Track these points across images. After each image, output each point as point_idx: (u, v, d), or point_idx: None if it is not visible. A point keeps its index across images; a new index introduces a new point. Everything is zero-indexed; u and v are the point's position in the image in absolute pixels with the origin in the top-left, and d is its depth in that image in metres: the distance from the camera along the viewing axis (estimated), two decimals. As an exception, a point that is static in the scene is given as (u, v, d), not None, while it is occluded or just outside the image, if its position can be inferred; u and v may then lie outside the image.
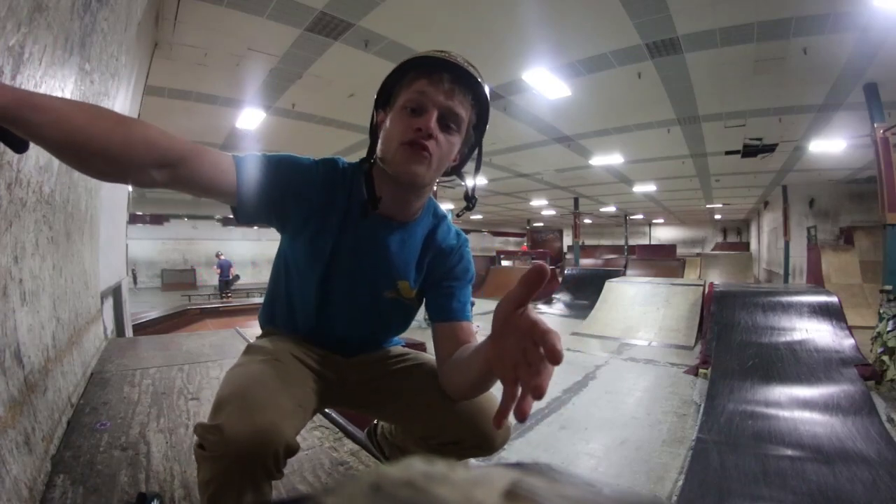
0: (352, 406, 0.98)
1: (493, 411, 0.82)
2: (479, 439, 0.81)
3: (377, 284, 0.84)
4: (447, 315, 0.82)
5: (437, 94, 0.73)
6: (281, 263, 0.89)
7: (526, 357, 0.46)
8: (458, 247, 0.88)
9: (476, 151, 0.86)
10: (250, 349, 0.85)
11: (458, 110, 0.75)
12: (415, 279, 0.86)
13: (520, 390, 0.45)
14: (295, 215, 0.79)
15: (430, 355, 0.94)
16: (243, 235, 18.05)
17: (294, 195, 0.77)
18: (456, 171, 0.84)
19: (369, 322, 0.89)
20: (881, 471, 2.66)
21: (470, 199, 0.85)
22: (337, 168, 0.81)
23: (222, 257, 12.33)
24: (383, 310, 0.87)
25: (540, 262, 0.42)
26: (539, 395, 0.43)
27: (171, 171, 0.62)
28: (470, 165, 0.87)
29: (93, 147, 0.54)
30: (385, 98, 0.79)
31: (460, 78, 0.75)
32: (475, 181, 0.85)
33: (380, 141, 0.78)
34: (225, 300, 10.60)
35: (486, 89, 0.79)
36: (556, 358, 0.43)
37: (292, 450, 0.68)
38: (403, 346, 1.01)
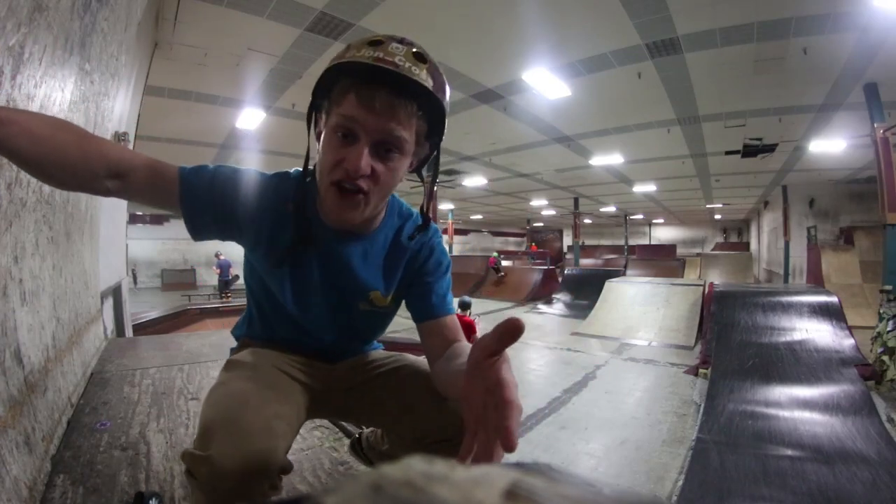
0: (339, 415, 0.97)
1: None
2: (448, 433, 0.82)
3: (349, 298, 0.81)
4: (428, 313, 0.79)
5: (369, 118, 0.62)
6: (249, 274, 0.85)
7: (485, 411, 0.43)
8: (426, 241, 0.82)
9: (434, 157, 0.74)
10: (231, 365, 0.80)
11: (398, 133, 0.63)
12: (385, 287, 0.82)
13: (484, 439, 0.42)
14: (245, 231, 0.74)
15: (411, 356, 0.95)
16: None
17: (241, 211, 0.72)
18: (415, 171, 0.76)
19: (347, 331, 0.87)
20: (881, 471, 2.66)
21: (425, 214, 0.79)
22: (288, 181, 0.75)
23: (222, 257, 12.32)
24: (360, 320, 0.85)
25: (516, 318, 0.41)
26: (508, 444, 0.39)
27: (122, 182, 0.64)
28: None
29: (53, 158, 0.58)
30: (319, 104, 0.69)
31: (399, 89, 0.61)
32: (431, 196, 0.78)
33: (318, 162, 0.70)
34: (225, 300, 10.60)
35: (442, 94, 0.65)
36: (508, 444, 0.39)
37: (286, 470, 0.68)
38: (383, 349, 1.00)
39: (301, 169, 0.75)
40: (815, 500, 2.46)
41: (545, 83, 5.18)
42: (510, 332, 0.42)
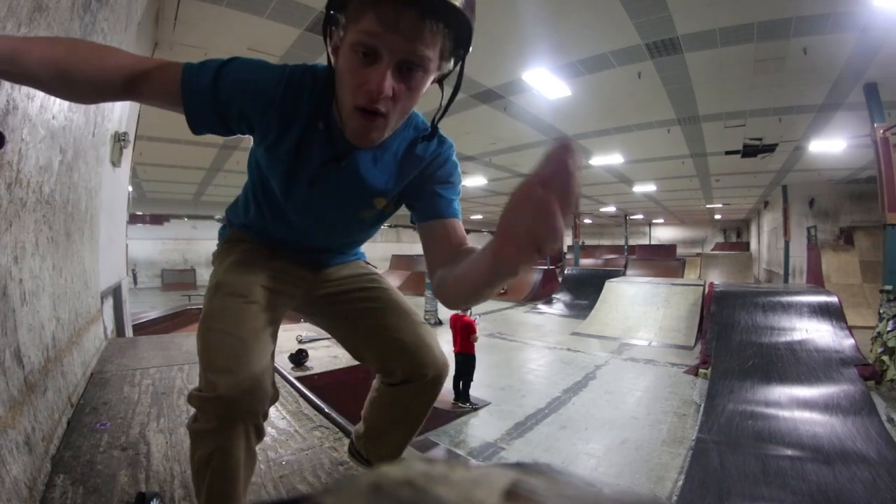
0: (311, 317, 1.04)
1: (435, 347, 0.92)
2: (414, 370, 0.91)
3: (352, 205, 0.80)
4: (432, 213, 0.76)
5: (393, 39, 0.57)
6: (253, 166, 0.84)
7: (540, 223, 0.41)
8: (441, 152, 0.78)
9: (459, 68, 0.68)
10: (219, 286, 0.82)
11: (423, 52, 0.59)
12: (392, 193, 0.80)
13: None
14: (255, 125, 0.71)
15: (388, 281, 1.02)
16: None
17: (251, 105, 0.68)
18: (437, 82, 0.70)
19: (345, 235, 0.92)
20: (881, 471, 2.66)
21: (434, 127, 0.76)
22: (307, 77, 0.70)
23: None
24: (359, 225, 0.87)
25: (563, 139, 0.36)
26: (557, 234, 0.40)
27: (136, 88, 0.66)
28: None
29: (74, 77, 0.62)
30: (335, 19, 0.63)
31: (426, 7, 0.56)
32: (447, 107, 0.71)
33: (336, 82, 0.66)
34: None
35: (470, 7, 0.60)
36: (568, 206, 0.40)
37: (275, 398, 0.77)
38: (366, 260, 1.05)
39: (321, 64, 0.71)
40: (815, 500, 2.46)
41: (545, 83, 5.18)
42: (559, 151, 0.40)
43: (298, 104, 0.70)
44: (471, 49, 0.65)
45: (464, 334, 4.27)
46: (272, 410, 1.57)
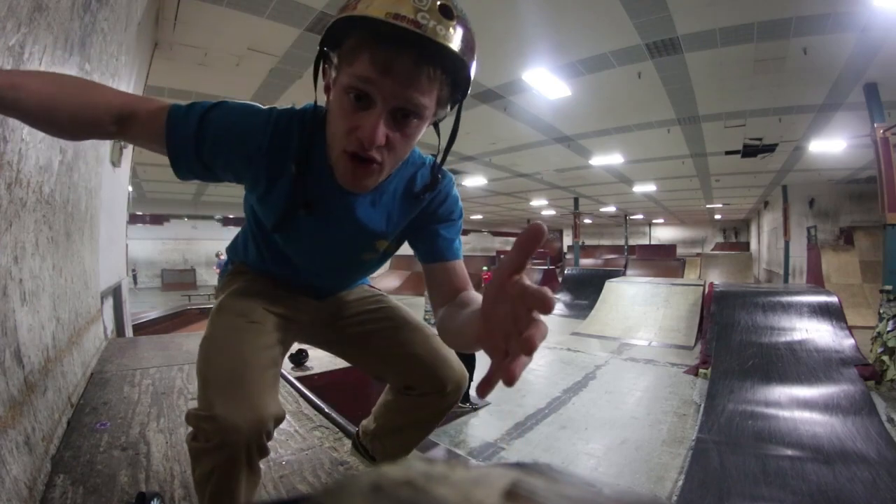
0: (319, 345, 1.02)
1: (451, 359, 0.90)
2: (434, 384, 0.89)
3: (354, 250, 0.80)
4: (433, 255, 0.76)
5: (386, 83, 0.55)
6: (249, 210, 0.83)
7: (517, 326, 0.40)
8: (441, 189, 0.76)
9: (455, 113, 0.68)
10: (222, 309, 0.81)
11: (419, 100, 0.57)
12: (393, 234, 0.79)
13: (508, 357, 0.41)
14: (242, 174, 0.70)
15: (394, 300, 1.00)
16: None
17: (233, 154, 0.66)
18: (433, 125, 0.69)
19: (348, 276, 0.92)
20: (881, 471, 2.66)
21: (435, 169, 0.74)
22: (293, 120, 0.69)
23: (222, 257, 12.25)
24: (362, 266, 0.87)
25: (537, 222, 0.36)
26: (530, 348, 0.38)
27: (124, 126, 0.65)
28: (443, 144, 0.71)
29: (62, 114, 0.61)
30: (327, 57, 0.61)
31: (422, 53, 0.53)
32: (447, 152, 0.71)
33: (328, 117, 0.64)
34: None
35: (470, 50, 0.57)
36: (546, 305, 0.38)
37: (281, 418, 0.72)
38: (369, 285, 1.05)
39: (309, 106, 0.70)
40: (815, 500, 2.46)
41: (545, 83, 5.18)
42: (530, 238, 0.37)
43: (287, 152, 0.68)
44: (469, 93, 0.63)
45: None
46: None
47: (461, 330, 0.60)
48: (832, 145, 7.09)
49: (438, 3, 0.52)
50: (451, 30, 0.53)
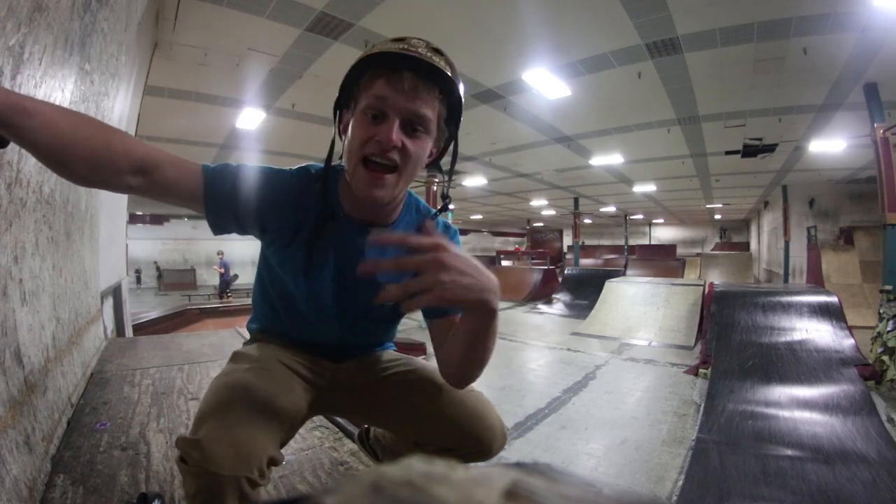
0: (343, 413, 0.99)
1: (489, 417, 0.86)
2: (475, 445, 0.83)
3: (367, 295, 0.80)
4: (437, 311, 0.78)
5: (398, 98, 0.67)
6: (263, 268, 0.87)
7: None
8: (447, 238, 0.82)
9: (452, 145, 0.79)
10: (236, 356, 0.83)
11: (422, 112, 0.69)
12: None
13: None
14: (269, 227, 0.76)
15: (421, 360, 0.95)
16: (243, 236, 18.03)
17: (266, 208, 0.74)
18: (432, 165, 0.79)
19: (363, 329, 0.88)
20: (881, 471, 2.66)
21: (445, 198, 0.81)
22: (310, 176, 0.78)
23: (223, 257, 12.18)
24: (376, 316, 0.86)
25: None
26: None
27: (145, 178, 0.64)
28: (447, 163, 0.81)
29: (76, 152, 0.57)
30: (347, 97, 0.74)
31: (423, 74, 0.68)
32: (449, 179, 0.80)
33: (344, 148, 0.73)
34: (225, 301, 10.58)
35: (457, 80, 0.72)
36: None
37: (276, 462, 0.70)
38: (395, 349, 1.00)
39: (320, 166, 0.79)
40: (815, 500, 2.46)
41: (545, 83, 5.18)
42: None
43: (308, 202, 0.76)
44: (461, 124, 0.76)
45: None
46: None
47: (453, 338, 0.71)
48: (832, 145, 7.09)
49: (431, 45, 0.70)
50: (442, 61, 0.69)
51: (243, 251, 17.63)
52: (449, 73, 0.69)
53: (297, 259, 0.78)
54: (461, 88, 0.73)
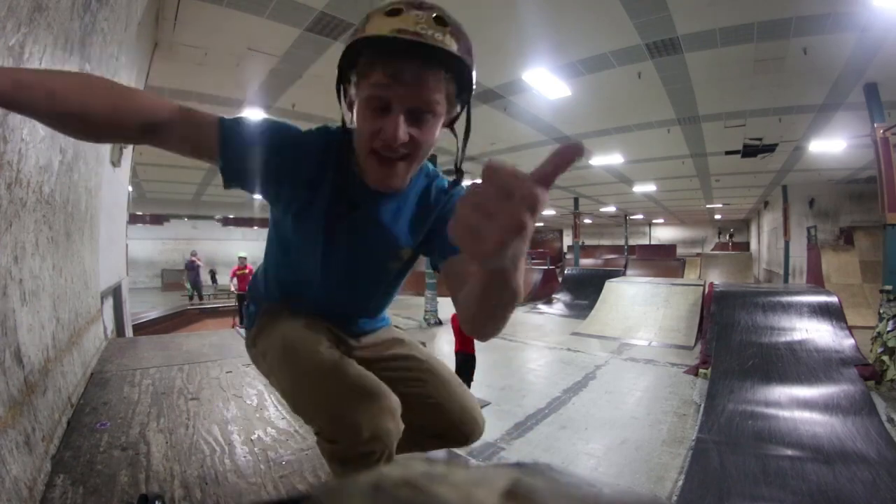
0: None
1: (475, 410, 0.94)
2: (459, 434, 0.93)
3: (381, 258, 0.84)
4: (447, 252, 0.77)
5: (400, 90, 0.62)
6: (274, 235, 0.87)
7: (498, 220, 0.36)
8: (453, 194, 0.82)
9: (465, 112, 0.74)
10: (285, 335, 0.83)
11: (429, 98, 0.63)
12: (413, 242, 0.84)
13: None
14: (286, 186, 0.74)
15: (420, 346, 1.03)
16: (243, 236, 18.04)
17: (285, 165, 0.72)
18: (448, 127, 0.75)
19: (373, 293, 0.92)
20: (881, 471, 2.66)
21: (459, 170, 0.80)
22: (328, 136, 0.75)
23: (195, 259, 11.89)
24: (388, 277, 0.89)
25: (578, 143, 0.32)
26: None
27: (157, 134, 0.64)
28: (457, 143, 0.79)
29: (88, 117, 0.58)
30: (347, 76, 0.69)
31: (426, 58, 0.60)
32: (464, 150, 0.75)
33: (355, 130, 0.70)
34: (203, 301, 10.51)
35: (465, 55, 0.63)
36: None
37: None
38: (391, 325, 1.06)
39: (337, 126, 0.76)
40: (815, 500, 2.46)
41: (545, 83, 5.18)
42: (566, 156, 0.35)
43: (326, 164, 0.75)
44: (474, 91, 0.70)
45: (464, 334, 4.27)
46: (272, 410, 1.58)
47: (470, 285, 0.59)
48: (832, 145, 7.09)
49: (434, 14, 0.60)
50: (448, 35, 0.61)
51: (243, 252, 17.65)
52: (456, 51, 0.61)
53: (313, 225, 0.78)
54: (473, 57, 0.65)
